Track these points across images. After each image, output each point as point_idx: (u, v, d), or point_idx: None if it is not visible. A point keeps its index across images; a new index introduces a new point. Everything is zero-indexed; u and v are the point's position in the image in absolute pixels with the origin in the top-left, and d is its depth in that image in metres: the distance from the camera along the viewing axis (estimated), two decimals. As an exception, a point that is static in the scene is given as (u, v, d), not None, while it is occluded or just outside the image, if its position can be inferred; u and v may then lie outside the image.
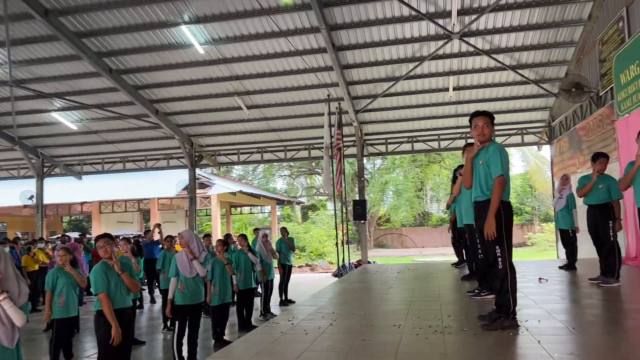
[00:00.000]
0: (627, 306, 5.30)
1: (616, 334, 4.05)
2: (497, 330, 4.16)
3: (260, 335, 4.52)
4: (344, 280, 8.79)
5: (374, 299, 6.16)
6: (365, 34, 13.30)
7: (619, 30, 10.37)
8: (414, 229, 36.17)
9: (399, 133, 17.90)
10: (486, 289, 5.96)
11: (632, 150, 9.13)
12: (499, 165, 4.33)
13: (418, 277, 8.31)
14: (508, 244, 4.34)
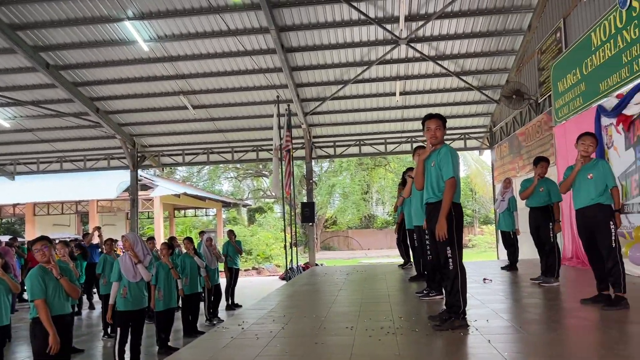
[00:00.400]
0: (567, 305, 5.50)
1: (560, 332, 4.19)
2: (448, 330, 4.21)
3: (209, 341, 4.37)
4: (293, 283, 8.71)
5: (324, 301, 6.12)
6: (314, 36, 13.31)
7: (556, 40, 10.86)
8: (359, 231, 36.55)
9: (347, 136, 18.03)
10: (435, 290, 6.05)
11: (568, 155, 9.58)
12: (450, 167, 4.39)
13: (367, 279, 8.35)
14: (459, 244, 4.41)
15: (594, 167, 5.12)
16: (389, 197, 33.47)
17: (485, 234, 30.44)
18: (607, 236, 4.98)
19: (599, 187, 5.03)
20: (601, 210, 5.02)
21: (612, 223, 4.97)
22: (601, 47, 8.28)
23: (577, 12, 9.79)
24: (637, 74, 7.19)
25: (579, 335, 4.08)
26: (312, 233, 17.73)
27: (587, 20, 9.22)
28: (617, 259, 4.93)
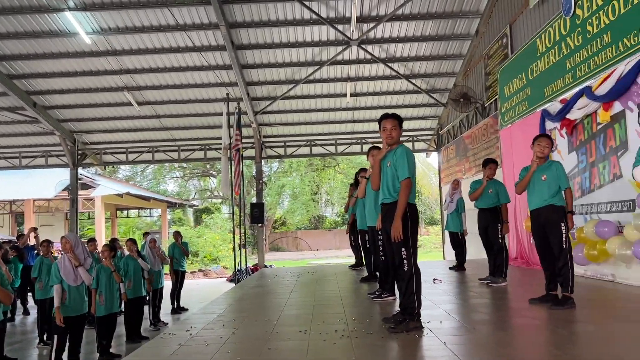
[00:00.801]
0: (516, 304, 5.59)
1: (512, 332, 4.23)
2: (403, 332, 4.16)
3: (155, 349, 4.13)
4: (243, 285, 8.49)
5: (276, 304, 5.97)
6: (265, 34, 13.12)
7: (503, 46, 11.15)
8: (308, 232, 36.49)
9: (298, 136, 17.92)
10: (387, 291, 6.02)
11: (514, 157, 9.84)
12: (406, 167, 4.35)
13: (318, 280, 8.25)
14: (414, 245, 4.38)
15: (548, 169, 5.22)
16: (338, 198, 33.55)
17: (431, 234, 31.06)
18: (558, 237, 5.08)
19: (552, 189, 5.13)
20: (554, 212, 5.12)
21: (563, 224, 5.07)
22: (546, 53, 8.55)
23: (523, 19, 10.08)
24: (580, 80, 7.45)
25: (530, 334, 4.12)
26: (261, 234, 17.49)
27: (533, 27, 9.50)
28: (567, 260, 5.03)
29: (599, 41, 6.95)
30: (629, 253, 6.16)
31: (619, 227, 6.59)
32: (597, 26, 6.99)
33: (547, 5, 8.92)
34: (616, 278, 6.70)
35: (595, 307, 5.07)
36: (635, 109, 6.25)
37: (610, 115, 6.78)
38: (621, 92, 6.42)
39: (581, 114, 7.42)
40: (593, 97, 6.96)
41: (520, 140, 9.69)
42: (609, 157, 6.89)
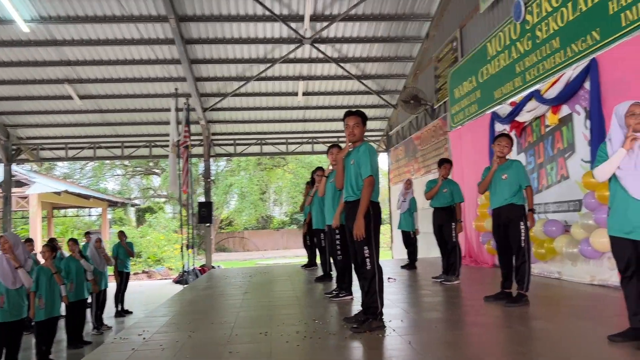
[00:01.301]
0: (472, 302, 5.64)
1: (473, 329, 4.25)
2: (366, 332, 4.10)
3: (107, 354, 3.87)
4: (193, 287, 8.22)
5: (230, 306, 5.78)
6: (216, 29, 12.82)
7: (453, 49, 11.38)
8: (256, 232, 36.11)
9: (248, 134, 17.67)
10: (345, 290, 5.97)
11: (463, 158, 10.05)
12: (368, 165, 4.30)
13: (272, 281, 8.10)
14: (376, 244, 4.33)
15: (508, 168, 5.30)
16: (287, 197, 33.40)
17: (385, 234, 31.41)
18: (517, 235, 5.17)
19: (513, 188, 5.21)
20: (514, 210, 5.21)
21: (523, 223, 5.17)
22: (496, 57, 8.77)
23: (473, 23, 10.31)
24: (529, 83, 7.68)
25: (491, 332, 4.16)
26: (208, 234, 17.10)
27: (483, 31, 9.73)
28: (525, 258, 5.13)
29: (548, 46, 7.18)
30: (575, 251, 6.38)
31: (566, 226, 6.83)
32: (546, 32, 7.22)
33: (497, 10, 9.16)
34: (562, 275, 6.94)
35: (548, 305, 5.20)
36: (582, 113, 6.50)
37: (558, 118, 7.02)
38: (569, 96, 6.66)
39: (530, 116, 7.65)
40: (542, 100, 7.19)
41: (469, 141, 9.92)
42: (556, 159, 7.13)
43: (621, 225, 3.50)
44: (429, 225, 10.91)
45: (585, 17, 6.32)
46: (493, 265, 8.96)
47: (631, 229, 3.44)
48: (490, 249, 8.73)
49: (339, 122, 17.54)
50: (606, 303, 5.24)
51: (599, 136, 6.00)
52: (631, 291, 3.53)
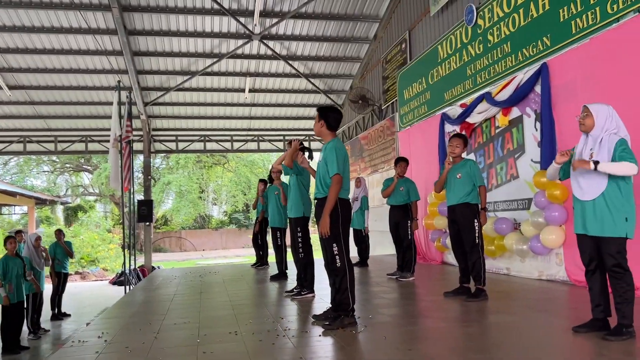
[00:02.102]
0: (431, 297, 5.74)
1: (442, 323, 4.31)
2: (339, 329, 4.08)
3: (69, 358, 3.62)
4: (143, 287, 7.88)
5: (190, 306, 5.58)
6: (161, 20, 12.37)
7: (401, 51, 11.58)
8: (193, 232, 35.26)
9: (191, 130, 17.20)
10: (307, 288, 5.91)
11: (412, 158, 10.23)
12: (334, 163, 4.29)
13: (225, 280, 7.91)
14: (345, 241, 4.31)
15: (462, 167, 5.43)
16: (228, 196, 32.84)
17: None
18: (471, 233, 5.32)
19: (467, 187, 5.36)
20: (467, 208, 5.35)
21: (476, 221, 5.32)
22: (447, 60, 9.01)
23: (422, 26, 10.54)
24: (480, 86, 7.94)
25: (460, 326, 4.24)
26: (149, 233, 16.48)
27: (433, 34, 9.97)
28: (479, 255, 5.29)
29: (499, 50, 7.46)
30: (525, 248, 6.66)
31: (515, 224, 7.12)
32: (497, 36, 7.49)
33: (447, 13, 9.41)
34: (511, 271, 7.22)
35: (504, 299, 5.38)
36: (533, 115, 6.79)
37: (508, 119, 7.30)
38: (520, 99, 6.94)
39: (481, 118, 7.90)
40: (493, 102, 7.45)
41: (419, 141, 10.13)
42: (506, 159, 7.42)
43: (578, 223, 3.69)
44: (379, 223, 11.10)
45: (537, 23, 6.61)
46: (442, 262, 9.21)
47: (587, 226, 3.62)
48: (440, 246, 8.96)
49: (286, 120, 17.52)
50: (558, 296, 5.50)
51: (549, 138, 6.29)
52: (594, 284, 3.71)
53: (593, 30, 5.64)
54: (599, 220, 3.52)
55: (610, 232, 3.49)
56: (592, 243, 3.63)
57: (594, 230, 3.55)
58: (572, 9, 5.94)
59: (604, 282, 3.67)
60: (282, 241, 7.71)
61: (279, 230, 7.63)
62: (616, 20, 5.36)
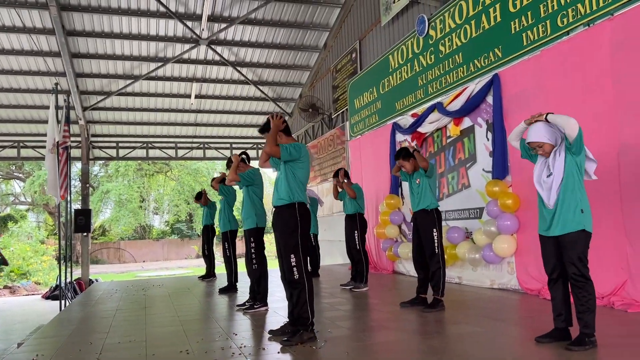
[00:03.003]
0: (387, 308, 5.62)
1: (404, 334, 4.20)
2: (298, 344, 3.88)
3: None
4: (80, 303, 7.35)
5: (135, 322, 5.20)
6: (103, 21, 11.81)
7: (351, 60, 11.59)
8: (133, 242, 33.87)
9: (133, 137, 16.51)
10: (259, 301, 5.67)
11: (362, 167, 10.22)
12: (286, 151, 4.16)
13: (171, 294, 7.51)
14: (303, 251, 4.13)
15: (421, 174, 5.38)
16: (170, 205, 31.82)
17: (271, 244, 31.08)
18: (430, 242, 5.27)
19: (424, 193, 5.31)
20: (426, 216, 5.31)
21: (435, 230, 5.27)
22: (398, 69, 9.04)
23: (373, 35, 10.58)
24: (432, 96, 7.99)
25: (422, 337, 4.14)
26: (86, 244, 15.62)
27: (383, 44, 10.02)
28: (439, 265, 5.24)
29: (451, 61, 7.53)
30: (477, 257, 6.70)
31: (467, 233, 7.16)
32: (449, 47, 7.57)
33: (398, 24, 9.47)
34: (462, 280, 7.25)
35: (460, 308, 5.33)
36: (484, 125, 6.87)
37: (460, 129, 7.36)
38: (472, 109, 7.01)
39: (432, 127, 7.95)
40: (445, 112, 7.50)
41: (369, 151, 10.11)
42: (457, 169, 7.47)
43: (542, 224, 3.70)
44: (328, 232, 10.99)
45: (488, 34, 6.71)
46: (393, 271, 9.18)
47: (548, 227, 3.63)
48: (391, 256, 8.93)
49: (233, 128, 17.16)
50: (512, 305, 5.52)
51: (501, 147, 6.37)
52: (557, 293, 3.70)
53: (544, 42, 5.76)
54: (560, 221, 3.53)
55: (570, 228, 3.50)
56: (554, 246, 3.62)
57: (556, 230, 3.55)
58: (523, 22, 6.06)
59: (566, 292, 3.67)
60: (231, 252, 7.46)
61: (227, 241, 7.38)
62: (566, 34, 5.49)
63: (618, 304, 4.73)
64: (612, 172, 4.87)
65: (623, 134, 4.84)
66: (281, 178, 4.22)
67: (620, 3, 4.84)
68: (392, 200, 8.85)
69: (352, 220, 7.19)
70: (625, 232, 4.79)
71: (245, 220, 5.62)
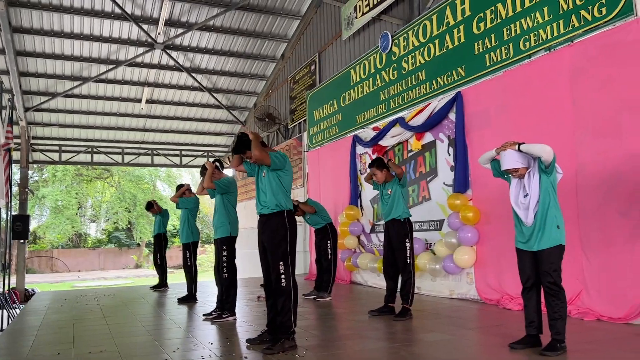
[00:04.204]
0: (355, 317, 5.69)
1: (377, 343, 4.28)
2: (280, 352, 3.88)
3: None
4: (30, 313, 6.94)
5: (99, 333, 5.00)
6: (54, 20, 11.35)
7: (310, 72, 11.71)
8: (67, 251, 32.23)
9: (77, 141, 15.86)
10: (228, 311, 5.60)
11: (320, 178, 10.32)
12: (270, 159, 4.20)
13: (127, 304, 7.26)
14: (292, 259, 4.15)
15: (393, 184, 5.53)
16: (110, 213, 30.62)
17: (209, 253, 30.54)
18: (403, 252, 5.41)
19: (395, 202, 5.46)
20: (398, 226, 5.45)
21: (407, 240, 5.42)
22: (360, 83, 9.23)
23: (334, 49, 10.75)
24: (394, 110, 8.22)
25: (399, 345, 4.23)
26: (22, 252, 14.80)
27: (344, 58, 10.20)
28: (410, 274, 5.39)
29: (413, 77, 7.79)
30: (437, 267, 6.91)
31: (427, 244, 7.38)
32: (412, 64, 7.83)
33: (360, 39, 9.68)
34: (421, 290, 7.44)
35: (428, 318, 5.49)
36: (446, 140, 7.13)
37: (421, 144, 7.61)
38: (434, 125, 7.26)
39: (394, 141, 8.16)
40: (407, 127, 7.73)
41: (329, 162, 10.22)
42: (418, 182, 7.70)
43: (520, 238, 3.90)
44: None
45: (452, 54, 7.00)
46: (350, 281, 9.29)
47: (526, 241, 3.84)
48: (350, 266, 9.04)
49: (184, 135, 16.83)
50: (476, 314, 5.74)
51: (463, 162, 6.64)
52: (530, 301, 3.90)
53: (507, 64, 6.09)
54: (538, 237, 3.74)
55: (548, 244, 3.71)
56: (531, 259, 3.83)
57: (535, 246, 3.76)
58: (487, 43, 6.38)
59: (538, 300, 3.88)
60: (192, 262, 7.33)
61: (188, 250, 7.26)
62: (528, 57, 5.83)
63: (574, 313, 5.03)
64: (570, 190, 5.19)
65: (580, 154, 5.18)
66: (266, 186, 4.21)
67: (580, 31, 5.20)
68: (351, 211, 8.99)
69: (324, 232, 7.30)
70: (582, 246, 5.11)
71: (218, 228, 5.55)
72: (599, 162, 5.00)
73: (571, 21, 5.29)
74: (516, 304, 5.56)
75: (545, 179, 3.78)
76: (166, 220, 9.46)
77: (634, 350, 3.78)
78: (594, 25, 5.07)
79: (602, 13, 4.99)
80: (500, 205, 5.79)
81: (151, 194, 29.33)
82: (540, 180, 3.79)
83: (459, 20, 6.86)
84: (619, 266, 4.76)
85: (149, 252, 31.62)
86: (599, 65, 5.03)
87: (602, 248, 4.93)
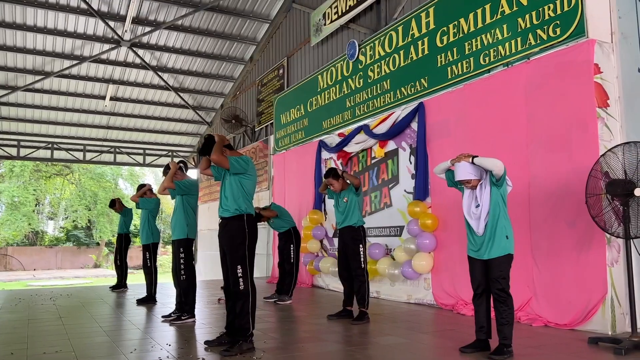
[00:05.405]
0: (315, 320, 5.78)
1: (334, 346, 4.38)
2: (237, 355, 3.93)
3: None
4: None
5: (54, 333, 4.93)
6: (15, 11, 11.09)
7: (278, 76, 11.78)
8: (22, 249, 31.22)
9: (37, 136, 15.46)
10: (187, 313, 5.60)
11: (286, 181, 10.40)
12: (230, 163, 4.25)
13: (85, 304, 7.15)
14: (250, 263, 4.20)
15: (349, 192, 5.67)
16: (69, 211, 29.84)
17: (170, 254, 30.10)
18: (357, 258, 5.55)
19: (350, 210, 5.60)
20: (352, 232, 5.59)
21: (361, 246, 5.56)
22: (327, 90, 9.36)
23: (302, 54, 10.85)
24: (359, 118, 8.36)
25: (357, 347, 4.34)
26: (-26, 249, 14.34)
27: (312, 63, 10.32)
28: (364, 279, 5.53)
29: (379, 86, 7.95)
30: (396, 272, 7.07)
31: (387, 249, 7.54)
32: (378, 73, 8.00)
33: (328, 46, 9.81)
34: (380, 295, 7.59)
35: (385, 322, 5.61)
36: (408, 149, 7.31)
37: (385, 151, 7.77)
38: (397, 133, 7.43)
39: (358, 148, 8.30)
40: (371, 134, 7.88)
41: (294, 166, 10.30)
42: (380, 188, 7.86)
43: (471, 247, 4.08)
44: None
45: (416, 65, 7.19)
46: (312, 285, 9.38)
47: (477, 250, 4.02)
48: (312, 269, 9.13)
49: (148, 133, 16.64)
50: (431, 319, 5.90)
51: (423, 171, 6.82)
52: (480, 307, 4.07)
53: (467, 77, 6.30)
54: (489, 247, 3.92)
55: (497, 253, 3.89)
56: (481, 266, 4.00)
57: (485, 255, 3.93)
58: (449, 57, 6.59)
59: (488, 307, 4.05)
60: (152, 263, 7.29)
61: (148, 251, 7.22)
62: (487, 71, 6.06)
63: (524, 318, 5.25)
64: (522, 202, 5.42)
65: (533, 166, 5.42)
66: (227, 190, 4.26)
67: (537, 49, 5.45)
68: (315, 216, 9.08)
69: (288, 235, 7.39)
70: (532, 255, 5.34)
71: (175, 229, 5.55)
72: (549, 174, 5.23)
73: (528, 39, 5.53)
74: (470, 310, 5.73)
75: (495, 191, 3.96)
76: (128, 220, 9.35)
77: (575, 354, 3.98)
78: (549, 44, 5.32)
79: (557, 33, 5.24)
80: (457, 213, 5.95)
81: (113, 193, 28.77)
82: (491, 192, 3.97)
83: (424, 32, 7.05)
84: (566, 274, 5.00)
85: (109, 252, 30.99)
86: (553, 82, 5.27)
87: (551, 257, 5.16)
